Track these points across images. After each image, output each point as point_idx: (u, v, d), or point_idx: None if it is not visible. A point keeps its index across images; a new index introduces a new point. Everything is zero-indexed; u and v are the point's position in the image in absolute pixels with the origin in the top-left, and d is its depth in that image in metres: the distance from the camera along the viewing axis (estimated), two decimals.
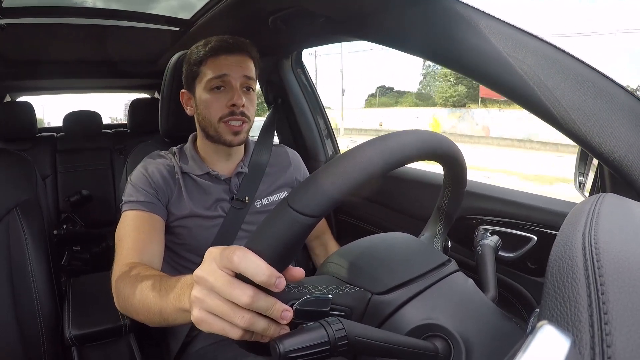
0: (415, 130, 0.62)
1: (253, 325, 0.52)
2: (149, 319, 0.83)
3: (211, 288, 0.53)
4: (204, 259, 0.55)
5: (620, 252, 0.42)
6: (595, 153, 0.80)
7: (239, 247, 0.51)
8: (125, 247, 1.07)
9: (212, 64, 1.20)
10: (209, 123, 1.23)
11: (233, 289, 0.51)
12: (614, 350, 0.33)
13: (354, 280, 0.63)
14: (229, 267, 0.51)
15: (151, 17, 1.86)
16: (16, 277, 1.31)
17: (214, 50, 1.20)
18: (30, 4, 1.63)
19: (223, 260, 0.52)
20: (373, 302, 0.61)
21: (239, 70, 1.21)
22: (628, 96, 0.78)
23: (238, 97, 1.19)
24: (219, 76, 1.19)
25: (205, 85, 1.21)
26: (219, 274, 0.52)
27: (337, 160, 0.53)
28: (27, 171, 1.44)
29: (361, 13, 1.14)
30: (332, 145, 2.11)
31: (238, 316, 0.51)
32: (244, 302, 0.50)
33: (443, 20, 0.91)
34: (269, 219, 0.52)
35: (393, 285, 0.62)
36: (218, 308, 0.52)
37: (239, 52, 1.22)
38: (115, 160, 3.07)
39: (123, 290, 0.93)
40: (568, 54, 0.81)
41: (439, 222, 0.83)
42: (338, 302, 0.58)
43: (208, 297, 0.53)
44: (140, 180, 1.20)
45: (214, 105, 1.21)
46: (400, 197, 1.57)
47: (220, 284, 0.52)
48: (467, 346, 0.57)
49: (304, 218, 0.50)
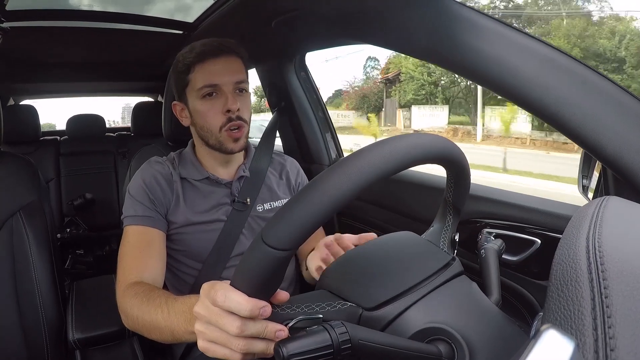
0: (386, 139, 0.59)
1: (250, 349, 0.58)
2: (161, 338, 0.86)
3: (207, 322, 0.60)
4: (200, 295, 0.62)
5: (624, 255, 0.42)
6: (599, 156, 0.80)
7: (222, 287, 0.57)
8: (126, 266, 1.08)
9: (200, 71, 1.18)
10: (209, 133, 1.21)
11: (223, 323, 0.57)
12: (617, 354, 0.32)
13: (347, 295, 0.63)
14: (217, 305, 0.57)
15: (155, 20, 1.87)
16: (20, 280, 1.31)
17: (200, 55, 1.17)
18: (34, 7, 1.64)
19: (210, 298, 0.59)
20: (364, 318, 0.61)
21: (229, 74, 1.19)
22: (631, 99, 0.78)
23: (232, 102, 1.17)
24: (209, 85, 1.17)
25: (197, 94, 1.19)
26: (210, 309, 0.59)
27: (306, 189, 0.53)
28: (31, 174, 1.44)
29: (364, 16, 1.14)
30: (336, 148, 2.11)
31: (234, 344, 0.58)
32: (234, 332, 0.57)
33: (445, 23, 0.91)
34: (246, 255, 0.55)
35: (383, 300, 0.61)
36: (217, 339, 0.59)
37: (225, 54, 1.19)
38: (119, 164, 3.08)
39: (130, 312, 0.94)
40: (570, 56, 0.81)
41: (448, 214, 0.83)
42: (330, 319, 0.58)
43: (207, 329, 0.60)
44: (138, 192, 1.19)
45: (210, 114, 1.19)
46: (404, 199, 1.57)
47: (212, 318, 0.59)
48: (470, 350, 0.56)
49: (277, 252, 0.51)
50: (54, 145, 3.01)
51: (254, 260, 0.53)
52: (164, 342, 0.87)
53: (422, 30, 0.97)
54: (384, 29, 1.10)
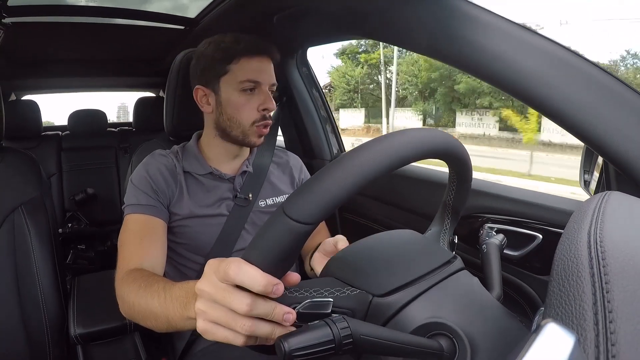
0: (411, 129, 0.61)
1: (255, 331, 0.55)
2: (156, 325, 0.83)
3: (212, 300, 0.56)
4: (204, 272, 0.58)
5: (625, 250, 0.42)
6: (601, 151, 0.80)
7: (235, 260, 0.53)
8: (126, 253, 1.07)
9: (246, 64, 1.17)
10: (237, 124, 1.20)
11: (232, 300, 0.54)
12: (618, 348, 0.33)
13: (356, 282, 0.63)
14: (227, 280, 0.53)
15: (156, 16, 1.87)
16: (21, 275, 1.31)
17: (249, 49, 1.17)
18: (35, 3, 1.64)
19: (220, 273, 0.54)
20: (374, 304, 0.61)
21: (269, 75, 1.20)
22: (633, 94, 0.78)
23: (270, 102, 1.19)
24: (253, 80, 1.17)
25: (237, 86, 1.18)
26: (218, 285, 0.55)
27: (332, 165, 0.53)
28: (33, 170, 1.44)
29: (366, 11, 1.14)
30: (337, 143, 2.11)
31: (239, 324, 0.54)
32: (243, 310, 0.53)
33: (448, 18, 0.91)
34: (264, 228, 0.53)
35: (394, 287, 0.62)
36: (220, 318, 0.55)
37: (268, 55, 1.20)
38: (120, 159, 3.09)
39: (127, 298, 0.92)
40: (573, 52, 0.81)
41: (446, 218, 0.83)
42: (339, 305, 0.58)
43: (210, 308, 0.56)
44: (141, 182, 1.18)
45: (246, 108, 1.19)
46: (406, 195, 1.57)
47: (219, 295, 0.55)
48: (472, 344, 0.57)
49: (300, 226, 0.50)
50: (55, 140, 3.02)
51: (273, 233, 0.51)
52: (160, 330, 0.84)
53: (425, 26, 0.97)
54: (386, 25, 1.10)
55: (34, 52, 2.35)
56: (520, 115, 16.59)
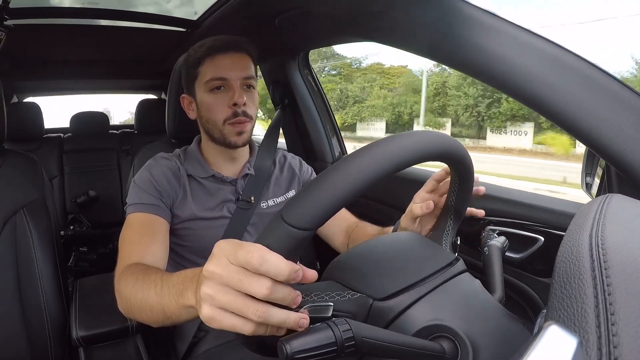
0: (411, 132, 0.61)
1: (268, 318, 0.51)
2: (152, 318, 0.80)
3: (224, 283, 0.51)
4: (213, 254, 0.54)
5: (627, 252, 0.42)
6: (603, 154, 0.80)
7: (256, 248, 0.50)
8: (126, 250, 1.06)
9: (210, 64, 1.19)
10: (213, 125, 1.22)
11: (250, 283, 0.50)
12: (620, 351, 0.33)
13: (356, 285, 0.62)
14: (247, 267, 0.50)
15: (158, 18, 1.87)
16: (23, 278, 1.31)
17: (210, 50, 1.19)
18: (37, 5, 1.64)
19: (239, 259, 0.50)
20: (375, 308, 0.61)
21: (237, 69, 1.20)
22: (635, 96, 0.78)
23: (239, 96, 1.17)
24: (218, 77, 1.18)
25: (205, 87, 1.20)
26: (232, 268, 0.51)
27: (330, 170, 0.53)
28: (34, 172, 1.44)
29: (367, 14, 1.14)
30: (339, 146, 2.11)
31: (251, 310, 0.50)
32: (263, 294, 0.50)
33: (449, 21, 0.91)
34: (263, 236, 0.52)
35: (394, 290, 0.61)
36: (230, 303, 0.51)
37: (235, 50, 1.20)
38: (122, 161, 3.09)
39: (124, 291, 0.90)
40: (575, 54, 0.81)
41: (449, 219, 0.83)
42: (340, 309, 0.58)
43: (220, 292, 0.52)
44: (145, 182, 1.19)
45: (216, 107, 1.20)
46: (406, 196, 1.56)
47: (233, 278, 0.51)
48: (474, 347, 0.57)
49: (297, 232, 0.50)
50: (57, 142, 3.02)
51: (273, 239, 0.51)
52: (156, 323, 0.80)
53: (427, 28, 0.97)
54: (388, 27, 1.10)
55: (36, 54, 2.36)
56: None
